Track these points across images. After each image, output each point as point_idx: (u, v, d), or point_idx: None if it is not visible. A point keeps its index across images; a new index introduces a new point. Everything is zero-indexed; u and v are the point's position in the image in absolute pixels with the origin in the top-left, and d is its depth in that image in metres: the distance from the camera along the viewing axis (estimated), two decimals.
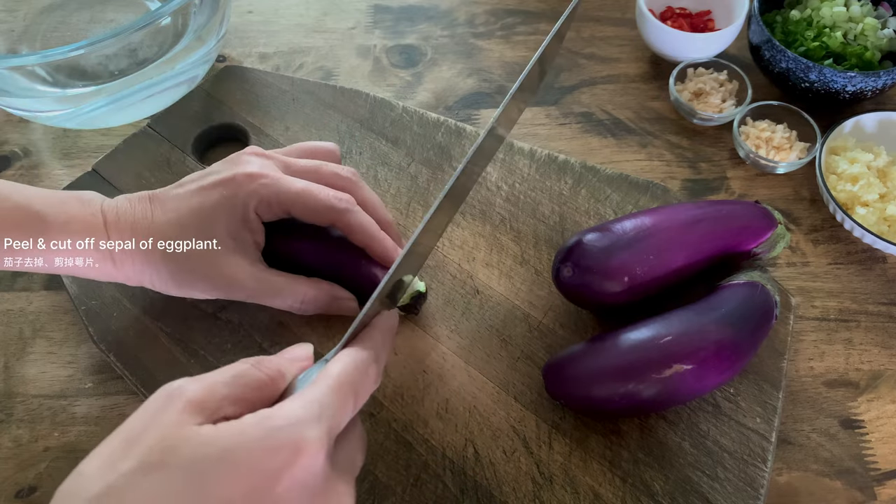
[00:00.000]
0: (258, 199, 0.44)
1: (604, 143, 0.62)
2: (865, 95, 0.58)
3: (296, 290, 0.45)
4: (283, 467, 0.27)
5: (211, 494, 0.26)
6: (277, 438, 0.27)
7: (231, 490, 0.26)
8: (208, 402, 0.28)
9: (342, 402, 0.30)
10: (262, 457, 0.26)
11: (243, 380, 0.30)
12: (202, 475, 0.26)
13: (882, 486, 0.45)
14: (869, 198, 0.54)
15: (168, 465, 0.26)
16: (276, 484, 0.26)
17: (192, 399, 0.28)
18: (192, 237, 0.43)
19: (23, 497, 0.45)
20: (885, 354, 0.50)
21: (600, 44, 0.70)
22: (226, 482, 0.26)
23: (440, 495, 0.43)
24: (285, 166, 0.46)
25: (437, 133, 0.59)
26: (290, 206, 0.44)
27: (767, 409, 0.45)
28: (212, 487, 0.26)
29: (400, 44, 0.70)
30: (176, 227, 0.43)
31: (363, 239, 0.45)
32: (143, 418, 0.28)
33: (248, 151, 0.47)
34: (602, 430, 0.45)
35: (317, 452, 0.28)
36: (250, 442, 0.27)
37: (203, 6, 0.61)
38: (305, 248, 0.47)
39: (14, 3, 0.70)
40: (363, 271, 0.46)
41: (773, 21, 0.64)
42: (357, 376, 0.32)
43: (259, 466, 0.26)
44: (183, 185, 0.45)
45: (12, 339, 0.52)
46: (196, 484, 0.26)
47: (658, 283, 0.46)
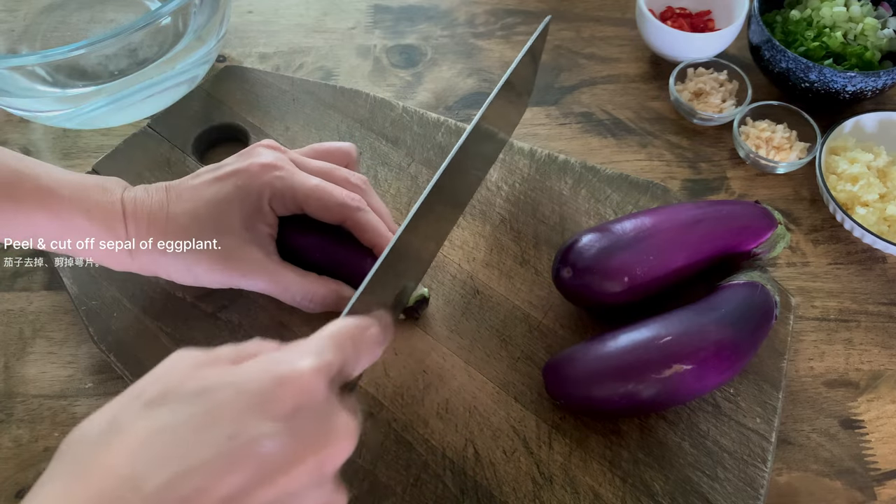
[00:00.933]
0: (272, 191, 0.44)
1: (604, 143, 0.62)
2: (865, 95, 0.58)
3: (307, 287, 0.45)
4: (285, 393, 0.28)
5: (219, 417, 0.27)
6: (278, 369, 0.28)
7: (236, 413, 0.27)
8: (214, 359, 0.30)
9: (338, 348, 0.31)
10: (265, 384, 0.28)
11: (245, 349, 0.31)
12: (209, 401, 0.27)
13: (882, 486, 0.45)
14: (869, 198, 0.54)
15: (174, 399, 0.27)
16: (278, 408, 0.27)
17: (198, 356, 0.30)
18: (207, 228, 0.44)
19: (23, 497, 0.45)
20: (885, 354, 0.50)
21: (600, 44, 0.70)
22: (232, 406, 0.27)
23: (440, 495, 0.43)
24: (299, 164, 0.46)
25: (437, 133, 0.59)
26: (303, 201, 0.44)
27: (767, 409, 0.45)
28: (219, 411, 0.27)
29: (400, 44, 0.70)
30: (191, 218, 0.44)
31: (372, 238, 0.45)
32: (148, 378, 0.29)
33: (263, 144, 0.47)
34: (602, 430, 0.45)
35: (315, 380, 0.29)
36: (252, 373, 0.28)
37: (203, 6, 0.61)
38: (313, 245, 0.47)
39: (14, 3, 0.70)
40: (369, 271, 0.46)
41: (773, 21, 0.64)
42: (355, 331, 0.33)
43: (262, 390, 0.27)
44: (199, 175, 0.46)
45: (12, 339, 0.52)
46: (202, 409, 0.27)
47: (658, 283, 0.46)
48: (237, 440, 0.26)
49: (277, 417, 0.27)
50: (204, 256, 0.44)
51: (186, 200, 0.45)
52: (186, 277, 0.45)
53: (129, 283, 0.52)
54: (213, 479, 0.25)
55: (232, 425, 0.26)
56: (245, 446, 0.26)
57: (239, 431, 0.26)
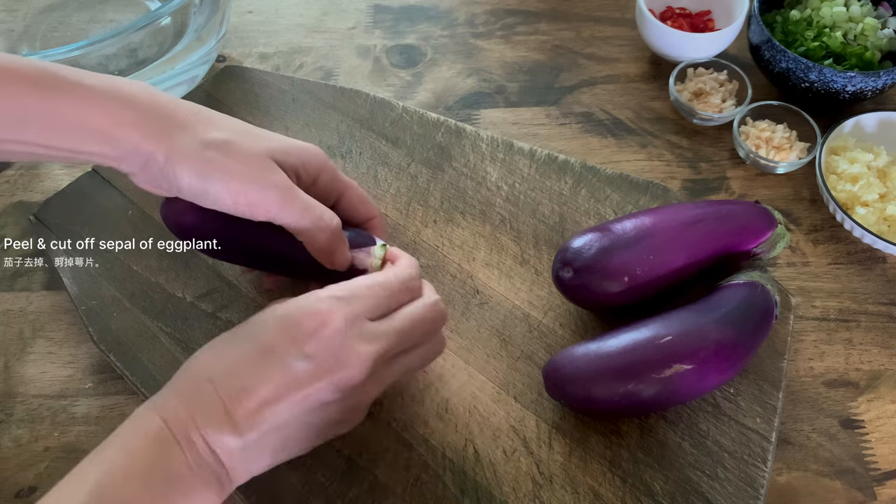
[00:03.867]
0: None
1: (604, 143, 0.62)
2: (865, 95, 0.58)
3: (322, 208, 0.43)
4: (307, 322, 0.36)
5: (259, 337, 0.36)
6: (307, 307, 0.37)
7: (270, 334, 0.36)
8: None
9: (370, 293, 0.38)
10: (294, 314, 0.37)
11: None
12: (255, 325, 0.37)
13: (882, 486, 0.45)
14: (869, 198, 0.54)
15: (241, 326, 0.38)
16: (300, 333, 0.36)
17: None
18: None
19: (23, 497, 0.45)
20: (885, 354, 0.50)
21: (600, 44, 0.70)
22: (268, 329, 0.37)
23: (440, 495, 0.43)
24: None
25: (437, 133, 0.59)
26: None
27: (767, 409, 0.45)
28: (262, 334, 0.37)
29: (400, 44, 0.70)
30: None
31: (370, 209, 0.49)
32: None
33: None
34: (602, 430, 0.45)
35: (333, 314, 0.36)
36: (291, 306, 0.37)
37: (203, 6, 0.61)
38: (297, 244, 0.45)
39: (14, 3, 0.70)
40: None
41: (773, 21, 0.64)
42: (390, 279, 0.40)
43: (291, 318, 0.37)
44: None
45: (12, 339, 0.52)
46: (250, 332, 0.37)
47: (658, 283, 0.46)
48: (269, 356, 0.36)
49: (298, 341, 0.36)
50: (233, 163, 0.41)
51: None
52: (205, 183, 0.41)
53: (129, 283, 0.52)
54: (254, 381, 0.35)
55: (267, 345, 0.36)
56: (274, 361, 0.35)
57: (272, 349, 0.36)
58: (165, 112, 0.41)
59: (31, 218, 0.56)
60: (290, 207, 0.42)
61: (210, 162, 0.40)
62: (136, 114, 0.41)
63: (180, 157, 0.40)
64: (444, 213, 0.55)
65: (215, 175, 0.40)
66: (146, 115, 0.41)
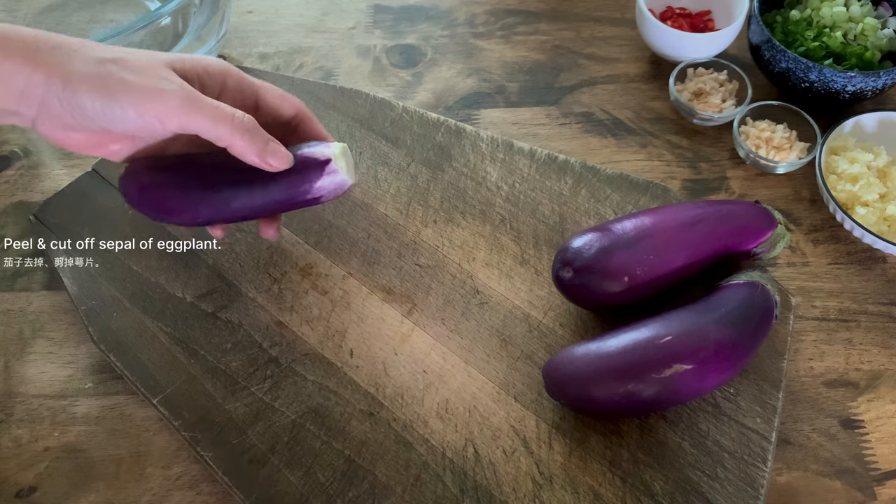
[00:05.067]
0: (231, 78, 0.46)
1: (604, 143, 0.62)
2: (865, 95, 0.58)
3: (232, 108, 0.42)
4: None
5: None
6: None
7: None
8: None
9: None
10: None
11: None
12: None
13: (882, 486, 0.45)
14: (869, 198, 0.54)
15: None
16: None
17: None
18: None
19: (23, 497, 0.45)
20: (885, 354, 0.50)
21: (600, 44, 0.70)
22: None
23: (440, 495, 0.43)
24: None
25: (437, 133, 0.59)
26: (260, 86, 0.46)
27: (767, 409, 0.45)
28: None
29: (400, 44, 0.70)
30: None
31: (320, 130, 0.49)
32: None
33: None
34: (602, 430, 0.45)
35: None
36: None
37: (203, 6, 0.61)
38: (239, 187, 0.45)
39: (14, 3, 0.70)
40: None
41: (773, 21, 0.64)
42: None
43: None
44: None
45: (12, 339, 0.52)
46: None
47: (658, 283, 0.46)
48: None
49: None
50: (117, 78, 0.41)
51: None
52: (96, 101, 0.40)
53: (128, 283, 0.52)
54: None
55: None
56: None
57: None
58: (54, 42, 0.40)
59: (31, 218, 0.56)
60: (199, 111, 0.41)
61: (108, 77, 0.39)
62: (23, 44, 0.39)
63: (78, 78, 0.39)
64: (444, 213, 0.55)
65: (117, 91, 0.39)
66: (34, 44, 0.39)
